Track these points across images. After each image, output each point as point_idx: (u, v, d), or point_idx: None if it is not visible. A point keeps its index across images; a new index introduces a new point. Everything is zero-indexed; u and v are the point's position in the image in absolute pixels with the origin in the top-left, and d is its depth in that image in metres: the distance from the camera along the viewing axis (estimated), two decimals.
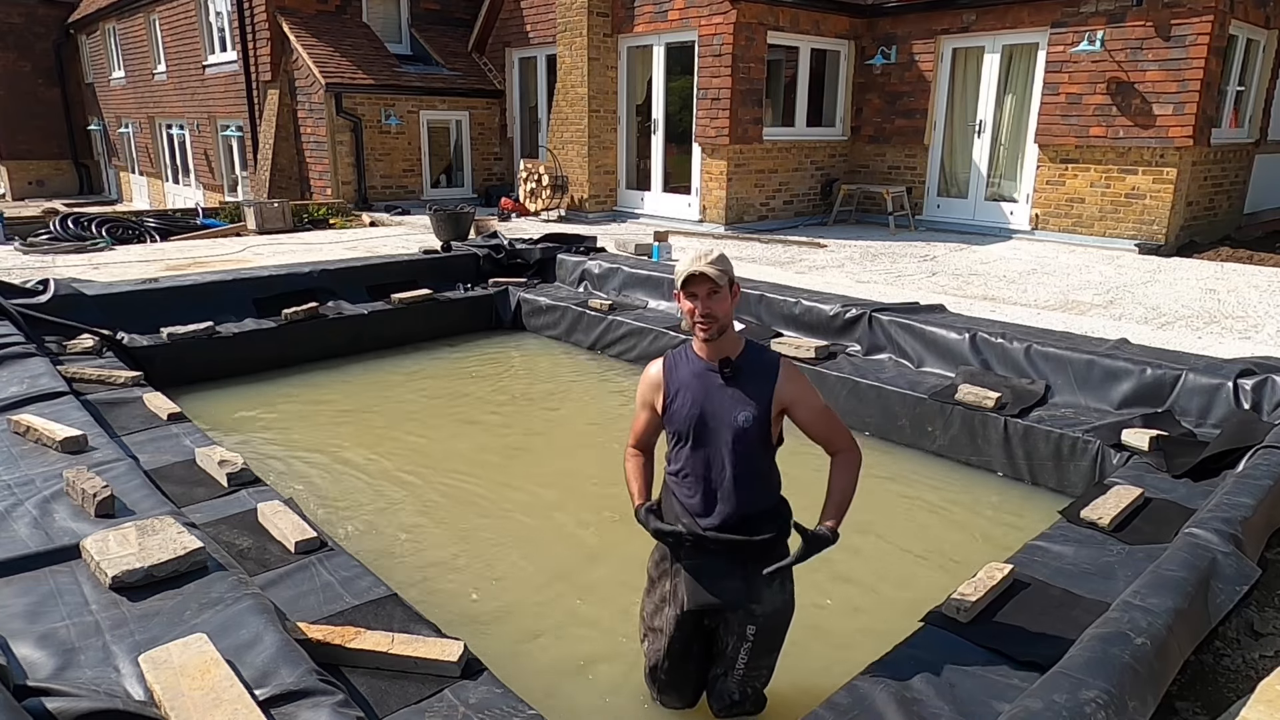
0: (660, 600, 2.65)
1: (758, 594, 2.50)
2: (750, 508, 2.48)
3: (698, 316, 2.38)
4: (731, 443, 2.43)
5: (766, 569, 2.43)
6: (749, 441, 2.44)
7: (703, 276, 2.35)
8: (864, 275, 8.01)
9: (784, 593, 2.56)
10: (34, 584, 2.63)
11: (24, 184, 22.49)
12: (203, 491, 3.56)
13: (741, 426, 2.42)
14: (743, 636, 2.53)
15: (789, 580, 2.58)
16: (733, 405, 2.43)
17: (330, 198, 13.07)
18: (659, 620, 2.66)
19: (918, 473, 4.84)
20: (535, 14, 13.31)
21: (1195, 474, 3.89)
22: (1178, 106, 8.78)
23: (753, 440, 2.44)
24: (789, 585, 2.58)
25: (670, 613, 2.61)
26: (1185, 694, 2.50)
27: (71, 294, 6.17)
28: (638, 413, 2.64)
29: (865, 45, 11.42)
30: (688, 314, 2.42)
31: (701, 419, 2.46)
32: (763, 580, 2.50)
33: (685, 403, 2.48)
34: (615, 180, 12.37)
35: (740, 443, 2.43)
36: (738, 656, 2.55)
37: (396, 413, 5.82)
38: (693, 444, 2.48)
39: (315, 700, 2.11)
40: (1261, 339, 5.75)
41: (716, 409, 2.44)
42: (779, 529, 2.53)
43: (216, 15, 15.29)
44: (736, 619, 2.53)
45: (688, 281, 2.37)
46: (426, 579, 3.65)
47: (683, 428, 2.49)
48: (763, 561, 2.50)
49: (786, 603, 2.57)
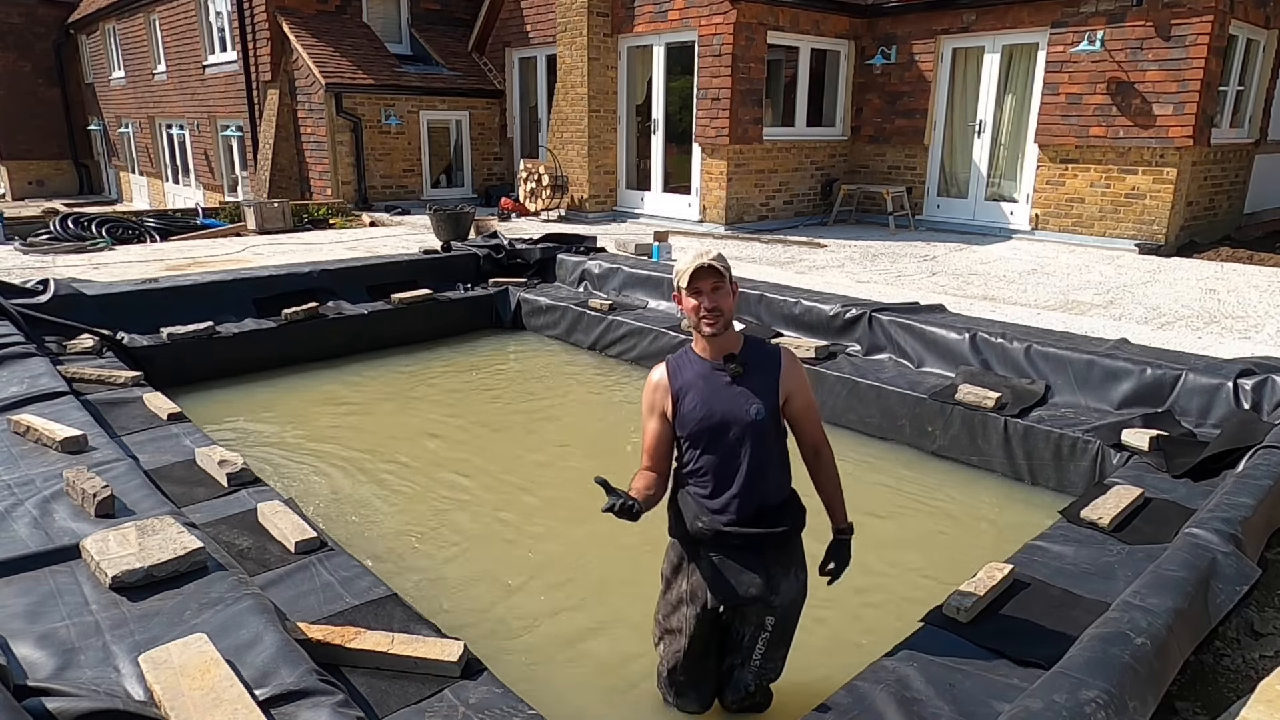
0: (677, 600, 2.65)
1: (775, 585, 2.52)
2: (767, 500, 2.50)
3: (704, 311, 2.39)
4: (745, 437, 2.45)
5: (829, 580, 2.61)
6: (762, 434, 2.45)
7: (710, 270, 2.37)
8: (864, 275, 8.01)
9: (799, 581, 2.58)
10: (34, 584, 2.63)
11: (24, 184, 22.49)
12: (203, 491, 3.56)
13: (754, 420, 2.43)
14: (761, 627, 2.55)
15: (803, 570, 2.60)
16: (743, 400, 2.44)
17: (330, 198, 13.07)
18: (675, 620, 2.65)
19: (918, 473, 4.84)
20: (535, 14, 13.31)
21: (1195, 474, 3.89)
22: (1178, 106, 8.78)
23: (766, 432, 2.46)
24: (803, 575, 2.60)
25: (689, 611, 2.60)
26: (1185, 694, 2.50)
27: (71, 294, 6.17)
28: (646, 424, 2.58)
29: (865, 45, 11.42)
30: (691, 311, 2.42)
31: (713, 417, 2.46)
32: (779, 572, 2.52)
33: (695, 404, 2.48)
34: (615, 180, 12.37)
35: (754, 436, 2.45)
36: (755, 647, 2.57)
37: (396, 413, 5.82)
38: (707, 443, 2.48)
39: (315, 700, 2.11)
40: (1261, 339, 5.75)
41: (727, 406, 2.45)
42: (795, 520, 2.55)
43: (216, 15, 15.29)
44: (754, 611, 2.54)
45: (694, 276, 2.38)
46: (427, 579, 3.64)
47: (695, 428, 2.48)
48: (781, 552, 2.53)
49: (801, 591, 2.59)
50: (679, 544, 2.64)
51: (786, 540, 2.54)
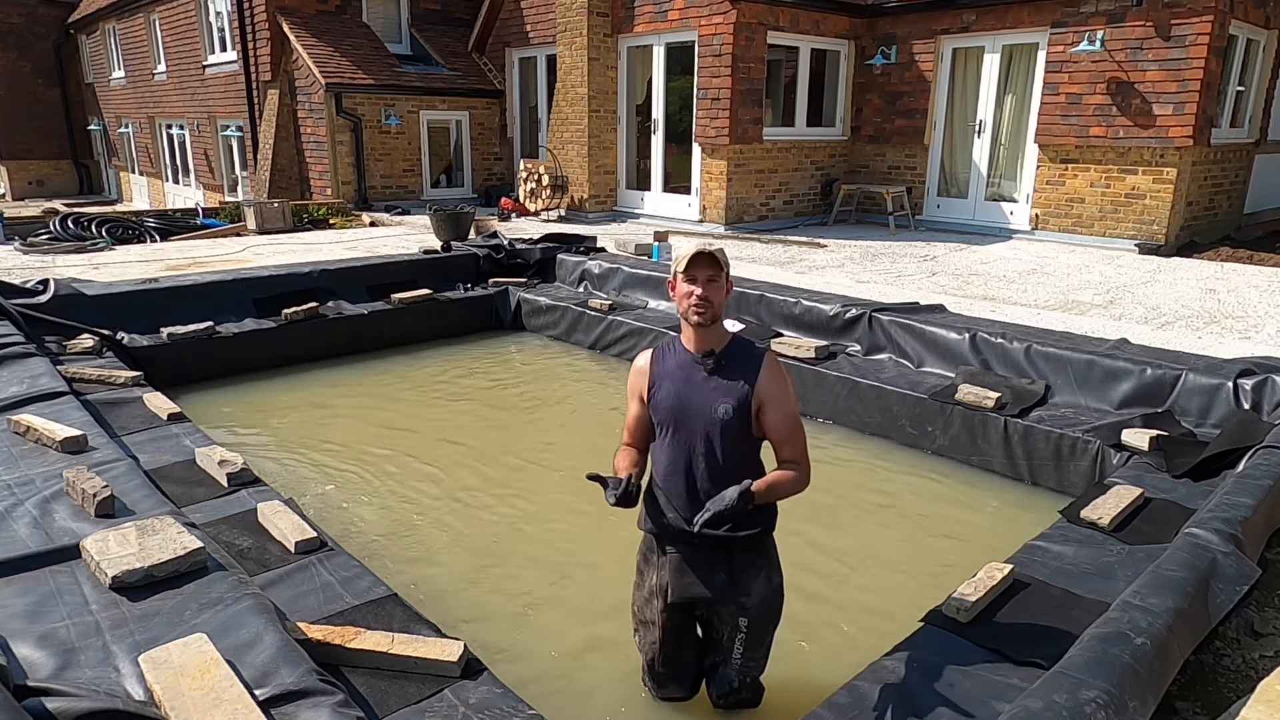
0: (649, 593, 2.67)
1: (746, 587, 2.52)
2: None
3: (694, 299, 2.39)
4: (711, 434, 2.44)
5: (696, 521, 2.34)
6: (730, 434, 2.43)
7: (709, 259, 2.37)
8: (864, 275, 8.01)
9: (771, 583, 2.57)
10: (34, 584, 2.63)
11: (24, 184, 22.49)
12: (203, 491, 3.56)
13: (722, 419, 2.42)
14: (736, 628, 2.56)
15: (776, 572, 2.60)
16: (714, 397, 2.43)
17: (330, 198, 13.07)
18: (649, 612, 2.67)
19: (918, 473, 4.84)
20: (535, 14, 13.31)
21: (1195, 474, 3.89)
22: (1178, 106, 8.78)
23: (734, 433, 2.44)
24: (776, 576, 2.60)
25: (660, 604, 2.62)
26: (1185, 694, 2.50)
27: (71, 294, 6.17)
28: (629, 405, 2.66)
29: (865, 45, 11.42)
30: (684, 297, 2.42)
31: (682, 408, 2.46)
32: (749, 574, 2.52)
33: (668, 392, 2.48)
34: (615, 180, 12.37)
35: (721, 435, 2.43)
36: (733, 647, 2.57)
37: (396, 413, 5.81)
38: (673, 433, 2.49)
39: (315, 700, 2.11)
40: (1261, 339, 5.75)
41: (697, 400, 2.45)
42: (764, 524, 2.54)
43: (216, 15, 15.29)
44: (728, 612, 2.55)
45: (692, 262, 2.38)
46: (427, 579, 3.64)
47: (664, 417, 2.49)
48: (750, 554, 2.52)
49: (775, 591, 2.59)
50: (648, 537, 2.66)
51: (755, 542, 2.52)
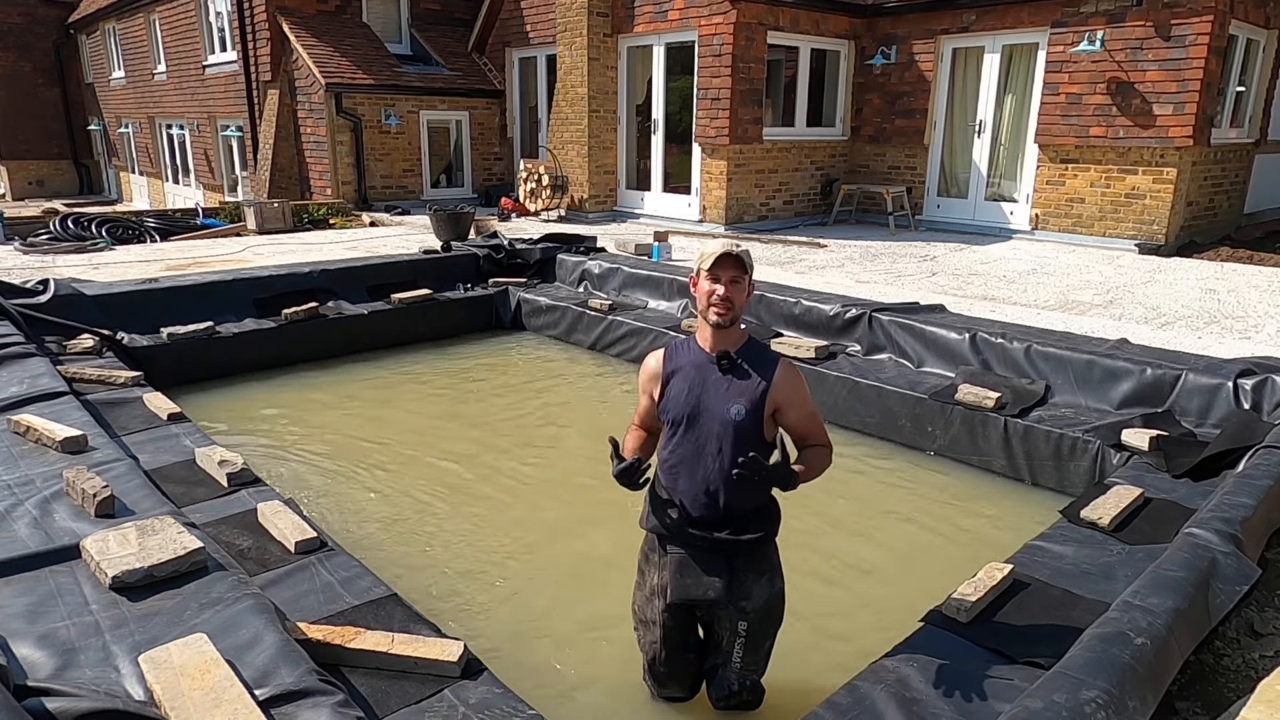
0: (650, 593, 2.66)
1: (746, 591, 2.51)
2: (738, 505, 2.48)
3: (716, 298, 2.39)
4: (722, 435, 2.43)
5: (739, 463, 2.30)
6: (741, 436, 2.43)
7: (735, 260, 2.39)
8: (864, 275, 8.01)
9: (772, 588, 2.57)
10: (34, 584, 2.63)
11: (24, 184, 22.50)
12: (203, 491, 3.56)
13: (734, 420, 2.42)
14: (735, 632, 2.55)
15: (778, 575, 2.60)
16: (726, 398, 2.43)
17: (330, 198, 13.07)
18: (650, 613, 2.67)
19: (918, 473, 4.84)
20: (535, 14, 13.31)
21: (1195, 474, 3.89)
22: (1178, 106, 8.78)
23: (745, 435, 2.43)
24: (778, 580, 2.60)
25: (660, 604, 2.61)
26: (1185, 694, 2.50)
27: (71, 294, 6.17)
28: (640, 399, 2.67)
29: (865, 45, 11.42)
30: (705, 295, 2.42)
31: (693, 407, 2.46)
32: (750, 578, 2.51)
33: (680, 390, 2.48)
34: (615, 180, 12.37)
35: (732, 437, 2.43)
36: (733, 650, 2.56)
37: (396, 413, 5.82)
38: (683, 432, 2.48)
39: (315, 700, 2.11)
40: (1261, 339, 5.75)
41: (710, 400, 2.45)
42: (768, 529, 2.54)
43: (216, 15, 15.29)
44: (728, 615, 2.54)
45: (718, 263, 2.39)
46: (427, 578, 3.64)
47: (675, 415, 2.49)
48: (752, 558, 2.52)
49: (776, 595, 2.58)
50: (650, 536, 2.66)
51: (757, 546, 2.52)
